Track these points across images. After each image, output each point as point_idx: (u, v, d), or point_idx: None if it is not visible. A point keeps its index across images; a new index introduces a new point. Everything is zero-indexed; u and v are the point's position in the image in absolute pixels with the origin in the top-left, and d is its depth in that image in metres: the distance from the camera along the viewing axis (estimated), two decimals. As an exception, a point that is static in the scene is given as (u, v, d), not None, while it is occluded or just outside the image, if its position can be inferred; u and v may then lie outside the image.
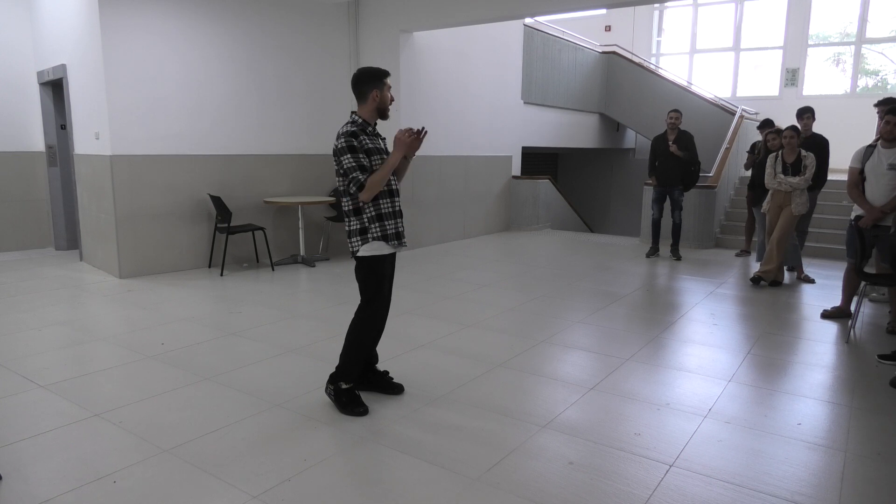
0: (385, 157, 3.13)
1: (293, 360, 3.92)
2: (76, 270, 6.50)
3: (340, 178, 3.06)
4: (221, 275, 6.35)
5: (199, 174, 6.51)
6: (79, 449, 2.76)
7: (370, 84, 3.09)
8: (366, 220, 3.09)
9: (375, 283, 3.17)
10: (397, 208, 3.21)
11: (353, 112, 3.17)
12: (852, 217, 4.75)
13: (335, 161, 3.07)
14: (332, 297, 5.56)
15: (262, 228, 6.66)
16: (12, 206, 7.45)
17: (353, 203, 3.08)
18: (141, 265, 6.20)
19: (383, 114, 3.16)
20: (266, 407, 3.21)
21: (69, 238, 7.50)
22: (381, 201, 3.11)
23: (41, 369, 3.70)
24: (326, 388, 3.25)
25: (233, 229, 6.38)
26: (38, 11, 7.08)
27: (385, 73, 3.14)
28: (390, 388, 3.40)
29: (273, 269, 6.69)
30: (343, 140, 3.01)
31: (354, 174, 2.98)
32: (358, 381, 3.27)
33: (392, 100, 3.18)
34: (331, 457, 2.72)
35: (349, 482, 2.53)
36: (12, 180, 7.40)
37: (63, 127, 7.27)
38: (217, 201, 6.33)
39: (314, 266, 6.89)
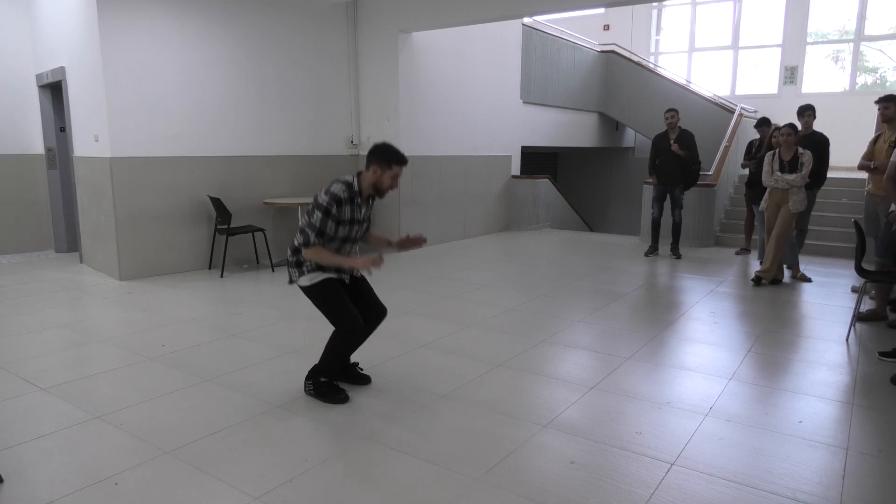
0: (360, 227, 3.19)
1: (294, 361, 3.91)
2: (76, 273, 6.50)
3: (305, 218, 3.13)
4: (221, 276, 6.35)
5: (199, 176, 6.51)
6: (80, 451, 2.76)
7: (375, 160, 3.10)
8: (303, 258, 3.15)
9: (333, 301, 3.17)
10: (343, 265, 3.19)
11: (358, 173, 3.17)
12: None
13: (311, 204, 3.12)
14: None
15: (261, 230, 6.66)
16: (12, 209, 7.44)
17: (298, 243, 3.13)
18: (141, 267, 6.20)
19: (379, 192, 3.18)
20: (267, 408, 3.21)
21: (69, 240, 7.50)
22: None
23: (42, 372, 3.70)
24: (305, 386, 3.36)
25: (233, 231, 6.38)
26: (36, 14, 7.08)
27: (396, 160, 3.10)
28: (358, 379, 3.51)
29: (273, 271, 6.69)
30: (327, 199, 3.04)
31: (311, 232, 3.04)
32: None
33: (393, 188, 3.16)
34: (332, 457, 2.72)
35: (350, 482, 2.53)
36: (12, 183, 7.39)
37: (62, 129, 7.26)
38: (217, 203, 6.33)
39: (314, 267, 6.89)
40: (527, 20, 10.32)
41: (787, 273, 6.40)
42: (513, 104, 9.94)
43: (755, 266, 6.72)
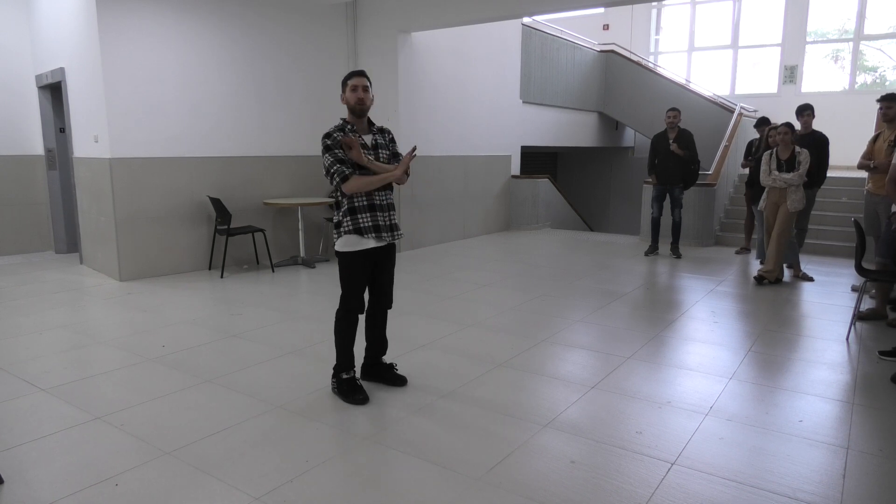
0: (369, 154, 3.24)
1: (294, 362, 3.92)
2: (76, 273, 6.50)
3: (328, 178, 3.23)
4: (222, 277, 6.35)
5: (199, 176, 6.51)
6: (80, 452, 2.76)
7: (342, 89, 3.27)
8: (340, 214, 3.24)
9: (348, 279, 3.30)
10: (376, 202, 3.26)
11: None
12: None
13: (323, 168, 3.24)
14: (333, 298, 5.51)
15: (261, 230, 6.66)
16: (12, 210, 7.44)
17: (337, 196, 3.26)
18: (141, 268, 6.20)
19: (354, 111, 3.25)
20: (267, 408, 3.22)
21: (69, 241, 7.50)
22: (354, 196, 3.22)
23: (42, 373, 3.70)
24: (331, 384, 3.42)
25: (233, 231, 6.38)
26: (36, 14, 7.08)
27: (348, 76, 3.26)
28: (393, 380, 3.54)
29: (273, 271, 6.69)
30: (321, 142, 3.21)
31: (336, 167, 3.14)
32: (363, 372, 3.53)
33: (360, 99, 3.20)
34: (333, 457, 2.72)
35: (351, 483, 2.53)
36: (12, 184, 7.39)
37: (62, 130, 7.26)
38: (217, 203, 6.33)
39: (314, 267, 6.89)
40: (526, 20, 10.31)
41: (787, 272, 6.40)
42: (512, 104, 9.94)
43: (755, 265, 6.72)
